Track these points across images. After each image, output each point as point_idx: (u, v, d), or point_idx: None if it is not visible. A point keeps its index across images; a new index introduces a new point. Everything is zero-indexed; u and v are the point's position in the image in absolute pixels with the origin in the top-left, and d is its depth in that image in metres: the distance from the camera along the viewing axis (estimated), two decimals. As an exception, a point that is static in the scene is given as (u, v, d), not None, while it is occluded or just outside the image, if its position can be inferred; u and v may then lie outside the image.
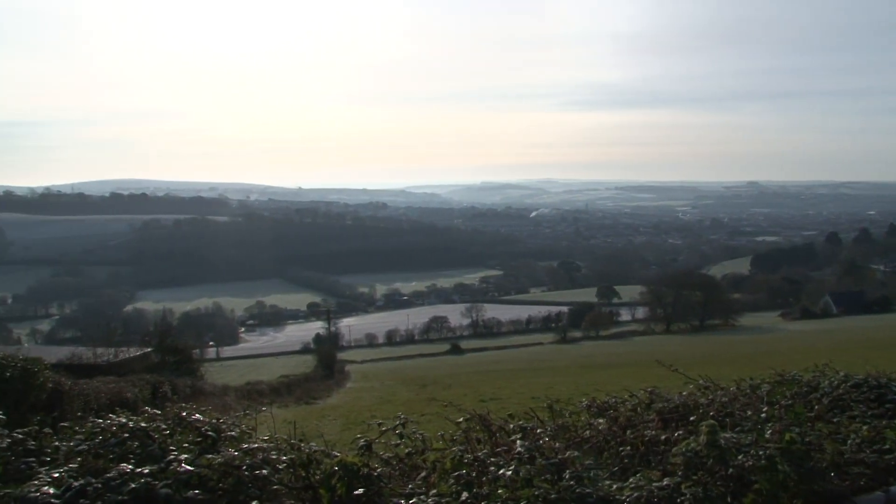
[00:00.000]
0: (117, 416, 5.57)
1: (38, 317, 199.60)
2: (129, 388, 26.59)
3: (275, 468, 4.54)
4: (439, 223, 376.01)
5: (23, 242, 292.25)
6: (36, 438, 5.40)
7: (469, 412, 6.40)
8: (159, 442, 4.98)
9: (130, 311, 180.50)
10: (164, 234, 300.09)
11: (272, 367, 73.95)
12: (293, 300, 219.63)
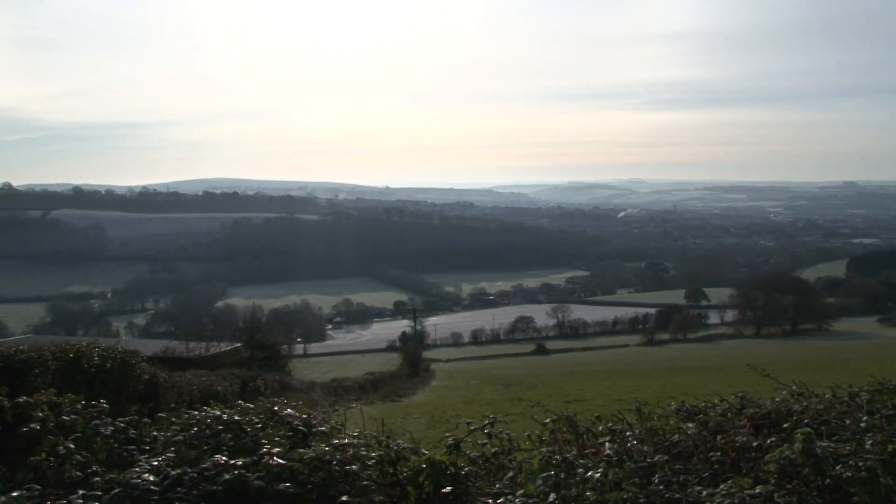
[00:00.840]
0: (211, 408, 5.71)
1: (134, 311, 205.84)
2: (219, 381, 27.18)
3: (364, 464, 4.59)
4: (526, 223, 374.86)
5: (122, 239, 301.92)
6: (136, 428, 5.58)
7: (555, 413, 6.36)
8: (252, 435, 5.08)
9: (221, 306, 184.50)
10: (254, 232, 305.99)
11: (358, 365, 74.71)
12: (380, 298, 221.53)
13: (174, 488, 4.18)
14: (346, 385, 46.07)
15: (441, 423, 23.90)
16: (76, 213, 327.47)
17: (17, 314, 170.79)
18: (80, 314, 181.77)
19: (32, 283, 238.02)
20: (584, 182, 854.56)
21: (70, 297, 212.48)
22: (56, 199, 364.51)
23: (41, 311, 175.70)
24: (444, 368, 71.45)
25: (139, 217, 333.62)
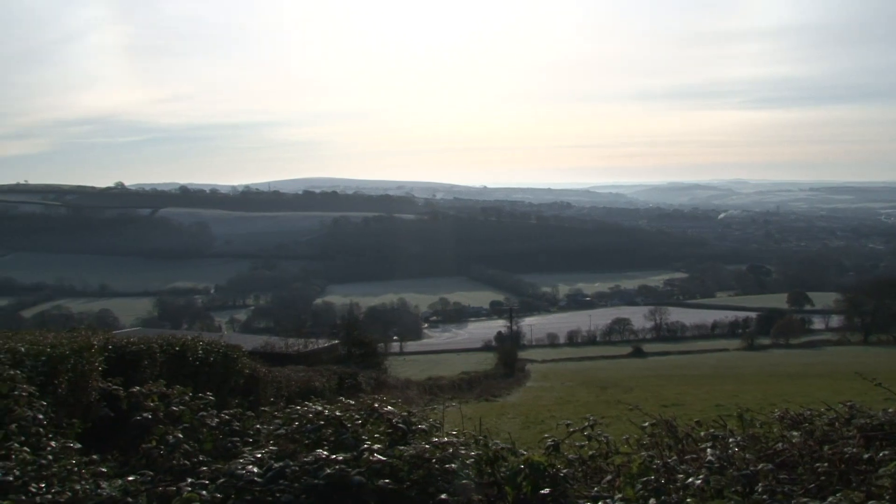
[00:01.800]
0: (313, 404, 5.82)
1: (236, 306, 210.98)
2: (317, 377, 27.63)
3: (463, 463, 4.61)
4: (624, 223, 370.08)
5: (225, 237, 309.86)
6: (240, 420, 5.74)
7: (654, 417, 6.26)
8: (352, 431, 5.17)
9: (320, 304, 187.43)
10: (352, 231, 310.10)
11: (453, 364, 74.89)
12: (476, 298, 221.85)
13: (277, 480, 4.28)
14: (442, 384, 46.28)
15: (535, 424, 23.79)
16: (182, 211, 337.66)
17: (127, 308, 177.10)
18: (184, 309, 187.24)
19: (141, 279, 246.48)
20: (683, 182, 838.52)
21: (176, 292, 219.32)
22: (164, 197, 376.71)
23: (149, 305, 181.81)
24: (539, 369, 71.09)
25: (241, 215, 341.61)
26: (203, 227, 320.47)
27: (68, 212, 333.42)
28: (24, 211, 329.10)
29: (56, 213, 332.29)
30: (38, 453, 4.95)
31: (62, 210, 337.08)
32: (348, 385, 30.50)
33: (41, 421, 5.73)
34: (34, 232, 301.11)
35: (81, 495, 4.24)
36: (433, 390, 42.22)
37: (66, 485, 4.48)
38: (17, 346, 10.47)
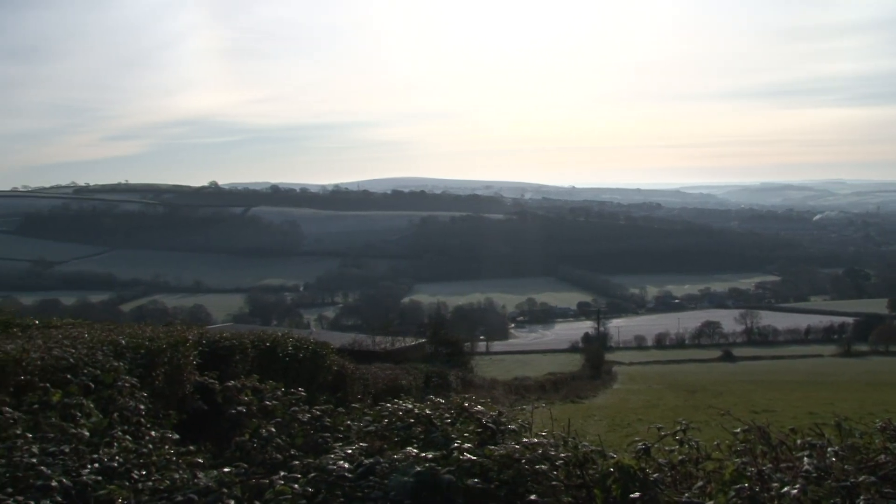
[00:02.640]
0: (402, 401, 5.86)
1: (324, 304, 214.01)
2: (404, 375, 27.79)
3: (553, 464, 4.58)
4: (714, 225, 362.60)
5: (314, 236, 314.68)
6: (330, 416, 5.82)
7: (746, 423, 6.11)
8: (441, 429, 5.19)
9: (407, 302, 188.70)
10: (440, 230, 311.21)
11: (539, 364, 74.71)
12: (563, 298, 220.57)
13: (367, 476, 4.33)
14: (528, 384, 46.16)
15: (622, 427, 23.57)
16: (273, 210, 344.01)
17: (219, 303, 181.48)
18: (274, 305, 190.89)
19: (233, 275, 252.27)
20: (777, 183, 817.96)
21: (266, 289, 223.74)
22: (256, 196, 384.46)
23: (240, 301, 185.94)
24: (626, 371, 70.43)
25: (331, 214, 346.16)
26: (293, 226, 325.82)
27: (165, 210, 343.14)
28: (125, 209, 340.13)
29: (154, 211, 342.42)
30: (138, 442, 5.12)
31: (159, 209, 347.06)
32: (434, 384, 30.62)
33: (142, 411, 5.93)
34: (133, 229, 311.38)
35: (179, 484, 4.37)
36: (519, 391, 42.14)
37: (166, 473, 4.63)
38: (119, 339, 10.82)
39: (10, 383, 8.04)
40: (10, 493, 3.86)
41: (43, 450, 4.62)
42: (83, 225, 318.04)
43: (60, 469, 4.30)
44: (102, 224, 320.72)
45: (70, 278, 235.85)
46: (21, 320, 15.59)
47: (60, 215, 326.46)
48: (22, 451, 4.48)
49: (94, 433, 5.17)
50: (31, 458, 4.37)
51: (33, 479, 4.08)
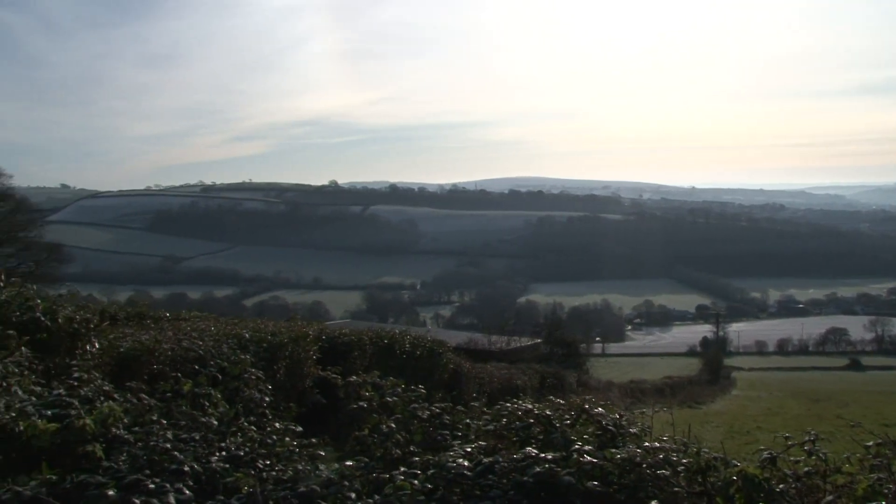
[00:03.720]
0: (520, 401, 5.86)
1: (441, 302, 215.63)
2: (519, 375, 27.73)
3: (675, 470, 4.50)
4: (842, 227, 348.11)
5: (432, 234, 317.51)
6: (449, 414, 5.87)
7: (880, 436, 5.83)
8: (561, 430, 5.17)
9: (523, 302, 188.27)
10: (557, 231, 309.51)
11: (656, 367, 73.53)
12: (681, 301, 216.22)
13: (486, 475, 4.35)
14: (644, 388, 45.49)
15: (741, 434, 22.98)
16: (391, 208, 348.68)
17: (338, 300, 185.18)
18: (391, 303, 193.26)
19: (351, 273, 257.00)
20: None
21: (383, 286, 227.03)
22: (374, 195, 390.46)
23: (358, 299, 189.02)
24: (745, 377, 68.60)
25: (448, 213, 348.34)
26: (411, 225, 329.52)
27: (287, 208, 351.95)
28: (248, 208, 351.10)
29: (276, 209, 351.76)
30: (263, 432, 5.28)
31: (281, 207, 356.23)
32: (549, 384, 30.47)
33: (266, 403, 6.12)
34: (256, 227, 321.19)
35: (302, 475, 4.47)
36: (635, 394, 41.56)
37: (289, 464, 4.76)
38: (243, 333, 11.18)
39: (144, 372, 8.42)
40: (148, 475, 4.04)
41: (176, 436, 4.83)
42: (209, 222, 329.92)
43: (192, 455, 4.48)
44: (227, 221, 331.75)
45: (197, 273, 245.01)
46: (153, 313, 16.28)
47: (189, 213, 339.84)
48: (158, 437, 4.70)
49: (221, 422, 5.36)
50: (166, 443, 4.58)
51: (168, 464, 4.27)
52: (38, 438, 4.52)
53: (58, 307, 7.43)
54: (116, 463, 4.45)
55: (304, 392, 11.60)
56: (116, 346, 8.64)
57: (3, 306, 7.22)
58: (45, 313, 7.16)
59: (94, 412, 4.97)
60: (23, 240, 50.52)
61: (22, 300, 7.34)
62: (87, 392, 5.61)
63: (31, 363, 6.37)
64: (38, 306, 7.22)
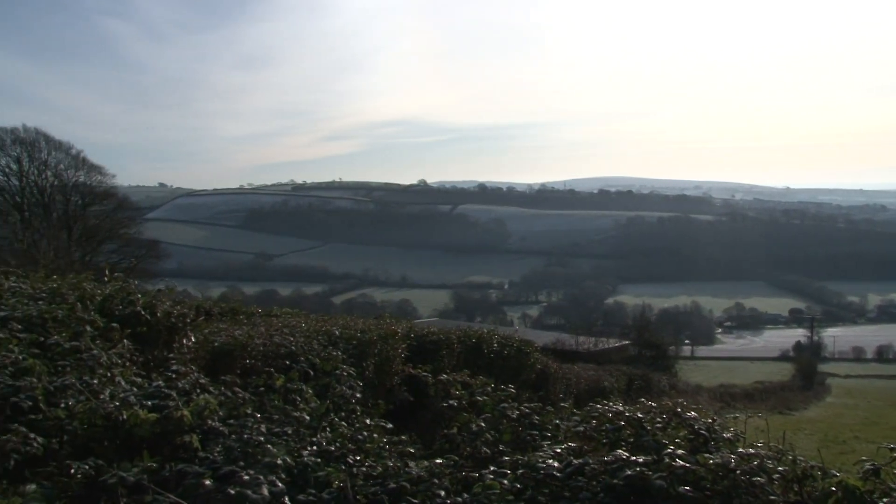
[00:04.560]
0: (611, 403, 5.81)
1: (528, 302, 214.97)
2: (606, 376, 27.49)
3: (770, 478, 4.40)
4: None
5: (519, 234, 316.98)
6: (539, 414, 5.85)
7: None
8: (652, 434, 5.10)
9: (611, 303, 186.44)
10: (646, 231, 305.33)
11: (746, 372, 72.03)
12: (774, 304, 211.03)
13: (575, 476, 4.32)
14: (734, 392, 44.71)
15: (836, 444, 22.35)
16: (480, 208, 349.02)
17: (425, 298, 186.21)
18: (478, 302, 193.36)
19: (439, 271, 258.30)
20: None
21: (471, 286, 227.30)
22: (463, 195, 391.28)
23: (445, 297, 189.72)
24: (841, 385, 66.50)
25: (536, 213, 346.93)
26: (499, 224, 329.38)
27: (376, 207, 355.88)
28: (338, 206, 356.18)
29: (365, 208, 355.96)
30: (353, 428, 5.36)
31: (370, 205, 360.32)
32: (637, 387, 30.15)
33: (357, 399, 6.21)
34: (346, 225, 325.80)
35: (391, 471, 4.52)
36: (724, 398, 40.87)
37: (378, 460, 4.82)
38: (333, 330, 11.34)
39: (237, 366, 8.61)
40: (242, 467, 4.15)
41: (269, 430, 4.94)
42: (300, 220, 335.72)
43: (284, 449, 4.58)
44: (317, 219, 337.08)
45: (287, 270, 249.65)
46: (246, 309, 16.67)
47: (280, 211, 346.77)
48: (251, 430, 4.81)
49: (312, 417, 5.46)
50: (260, 436, 4.69)
51: (261, 456, 4.37)
52: (139, 427, 4.68)
53: (157, 302, 7.66)
54: (212, 454, 4.58)
55: (392, 389, 11.70)
56: (211, 341, 8.86)
57: (107, 300, 7.49)
58: (145, 308, 7.40)
59: (191, 404, 5.11)
60: (123, 236, 52.48)
61: (124, 295, 7.60)
62: (185, 384, 5.78)
63: (133, 355, 6.60)
64: (139, 301, 7.46)
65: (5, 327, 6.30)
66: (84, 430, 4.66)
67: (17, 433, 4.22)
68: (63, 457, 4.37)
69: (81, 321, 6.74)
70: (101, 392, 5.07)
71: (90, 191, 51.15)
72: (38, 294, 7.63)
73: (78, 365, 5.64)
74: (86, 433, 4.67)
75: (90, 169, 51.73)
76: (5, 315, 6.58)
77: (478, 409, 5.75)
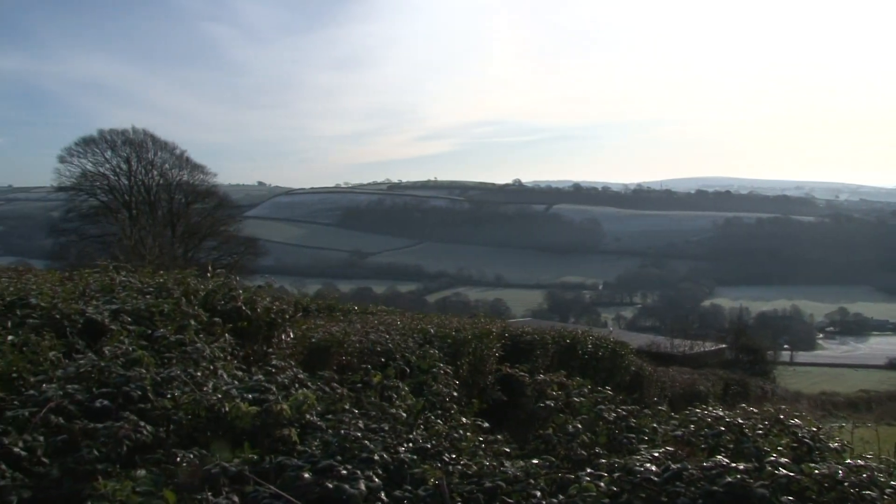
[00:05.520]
0: (711, 408, 5.71)
1: (622, 303, 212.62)
2: (702, 381, 27.06)
3: (882, 491, 4.24)
4: None
5: (614, 234, 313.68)
6: (636, 417, 5.79)
7: None
8: (753, 440, 4.99)
9: (707, 306, 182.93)
10: (745, 233, 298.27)
11: (850, 380, 69.80)
12: (881, 310, 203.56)
13: (673, 482, 4.25)
14: (836, 400, 43.42)
15: (951, 459, 21.38)
16: (574, 207, 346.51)
17: (518, 298, 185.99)
18: (572, 303, 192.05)
19: (532, 271, 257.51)
20: None
21: (565, 286, 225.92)
22: (558, 194, 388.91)
23: (539, 297, 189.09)
24: (957, 396, 63.87)
25: (632, 213, 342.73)
26: (594, 224, 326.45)
27: (470, 206, 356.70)
28: (433, 205, 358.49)
29: (460, 207, 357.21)
30: (449, 426, 5.38)
31: (465, 205, 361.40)
32: (733, 392, 29.63)
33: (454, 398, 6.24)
34: (440, 224, 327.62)
35: (487, 470, 4.53)
36: (826, 406, 39.68)
37: (474, 459, 4.83)
38: (428, 328, 11.43)
39: (334, 362, 8.76)
40: (340, 461, 4.22)
41: (366, 426, 5.01)
42: (395, 219, 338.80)
43: (381, 445, 4.64)
44: (412, 218, 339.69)
45: (382, 268, 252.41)
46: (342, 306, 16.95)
47: (375, 210, 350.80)
48: (349, 425, 4.89)
49: (409, 414, 5.51)
50: (357, 432, 4.76)
51: (358, 452, 4.44)
52: (240, 420, 4.80)
53: (257, 298, 7.84)
54: (310, 448, 4.67)
55: (486, 388, 11.73)
56: (308, 337, 9.03)
57: (210, 295, 7.71)
58: (246, 303, 7.58)
59: (290, 398, 5.22)
60: (224, 234, 54.07)
61: (226, 290, 7.81)
62: (283, 379, 5.91)
63: (233, 349, 6.78)
64: (240, 297, 7.65)
65: (117, 320, 6.58)
66: (189, 421, 4.81)
67: (129, 421, 4.39)
68: (169, 445, 4.53)
69: (186, 315, 6.98)
70: (205, 384, 5.22)
71: (193, 189, 52.91)
72: (146, 288, 7.92)
73: (183, 357, 5.83)
74: (190, 423, 4.81)
75: (193, 168, 53.57)
76: (117, 308, 6.86)
77: (573, 410, 5.71)
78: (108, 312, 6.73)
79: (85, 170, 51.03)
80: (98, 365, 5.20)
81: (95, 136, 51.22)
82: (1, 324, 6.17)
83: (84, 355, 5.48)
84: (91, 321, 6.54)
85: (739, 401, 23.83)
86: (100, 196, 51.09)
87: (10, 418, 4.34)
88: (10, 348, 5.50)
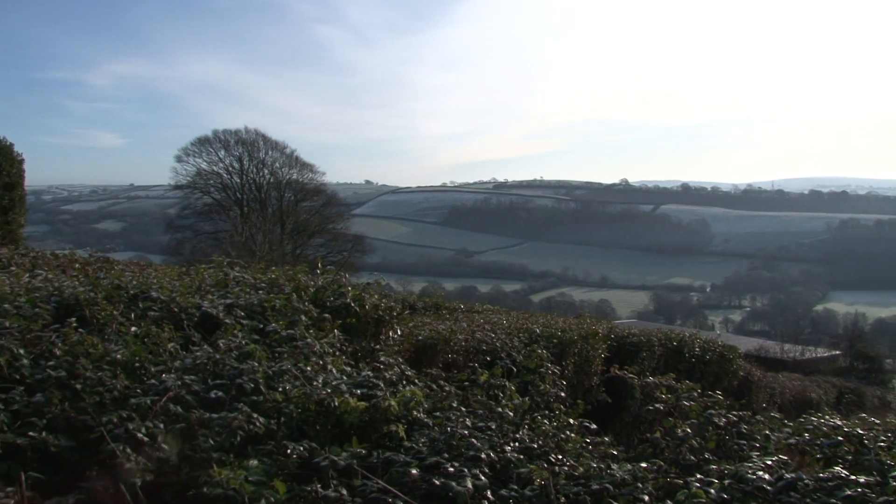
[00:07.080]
0: (828, 417, 5.53)
1: (730, 306, 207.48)
2: (813, 388, 26.20)
3: None
4: None
5: (723, 235, 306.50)
6: (747, 423, 5.64)
7: None
8: (875, 453, 4.80)
9: (820, 310, 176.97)
10: (862, 235, 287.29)
11: (978, 391, 66.40)
12: None
13: (787, 491, 4.12)
14: (962, 412, 41.34)
15: None
16: (682, 208, 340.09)
17: (624, 299, 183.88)
18: (678, 305, 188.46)
19: (638, 272, 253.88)
20: None
21: (671, 287, 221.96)
22: (665, 194, 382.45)
23: (644, 299, 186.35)
24: None
25: (742, 214, 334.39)
26: (702, 225, 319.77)
27: (576, 206, 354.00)
28: (538, 204, 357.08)
29: (565, 206, 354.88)
30: (555, 427, 5.36)
31: (571, 204, 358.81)
32: (847, 401, 28.60)
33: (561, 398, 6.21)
34: (546, 224, 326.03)
35: (594, 472, 4.49)
36: (949, 417, 37.85)
37: (581, 460, 4.79)
38: (534, 328, 11.41)
39: (440, 360, 8.82)
40: (447, 459, 4.25)
41: (473, 424, 5.04)
42: (500, 218, 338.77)
43: (487, 443, 4.66)
44: (518, 217, 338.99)
45: (486, 267, 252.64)
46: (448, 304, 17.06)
47: (481, 208, 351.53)
48: (456, 423, 4.92)
49: (515, 414, 5.51)
50: (464, 429, 4.78)
51: (465, 450, 4.46)
52: (349, 414, 4.89)
53: (365, 295, 7.95)
54: (417, 444, 4.72)
55: (591, 390, 11.64)
56: (415, 334, 9.12)
57: (320, 291, 7.86)
58: (355, 300, 7.70)
59: (398, 395, 5.28)
60: (331, 231, 55.12)
61: (335, 287, 7.95)
62: (391, 375, 5.99)
63: (342, 345, 6.89)
64: (349, 293, 7.77)
65: (231, 314, 6.79)
66: (299, 414, 4.92)
67: (243, 412, 4.52)
68: (280, 437, 4.64)
69: (297, 311, 7.14)
70: (315, 379, 5.32)
71: (302, 187, 54.12)
72: (258, 284, 8.14)
73: (293, 352, 5.96)
74: (300, 416, 4.92)
75: (302, 167, 54.78)
76: (231, 302, 7.08)
77: (682, 414, 5.61)
78: (223, 307, 6.97)
79: (200, 168, 52.94)
80: (213, 357, 5.40)
81: (210, 137, 53.02)
82: (125, 315, 6.46)
83: (200, 347, 5.69)
84: (207, 315, 6.78)
85: (855, 410, 23.01)
86: (213, 194, 52.82)
87: (133, 405, 4.53)
88: (133, 339, 5.75)
